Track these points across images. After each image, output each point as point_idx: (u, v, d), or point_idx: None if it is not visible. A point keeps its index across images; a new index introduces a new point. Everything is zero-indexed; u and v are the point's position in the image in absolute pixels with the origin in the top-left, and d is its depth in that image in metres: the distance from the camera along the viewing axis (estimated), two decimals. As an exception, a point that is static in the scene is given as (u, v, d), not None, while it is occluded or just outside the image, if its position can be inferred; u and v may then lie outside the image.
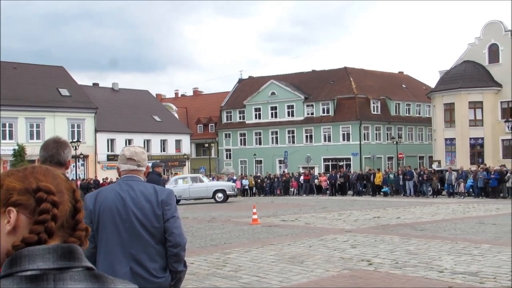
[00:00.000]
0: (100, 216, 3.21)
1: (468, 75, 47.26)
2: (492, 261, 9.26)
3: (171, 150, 59.65)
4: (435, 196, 33.22)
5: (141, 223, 3.19)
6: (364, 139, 56.81)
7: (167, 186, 33.85)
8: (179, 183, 32.77)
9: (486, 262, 9.18)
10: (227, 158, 66.02)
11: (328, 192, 39.21)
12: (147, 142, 56.89)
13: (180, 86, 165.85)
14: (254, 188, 43.50)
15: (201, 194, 32.18)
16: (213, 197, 31.99)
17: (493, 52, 47.70)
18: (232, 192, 33.07)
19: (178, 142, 60.77)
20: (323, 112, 58.80)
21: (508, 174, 30.40)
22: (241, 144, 65.16)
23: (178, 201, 32.36)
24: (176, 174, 51.82)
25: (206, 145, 61.85)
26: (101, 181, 40.48)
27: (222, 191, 32.27)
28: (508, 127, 39.78)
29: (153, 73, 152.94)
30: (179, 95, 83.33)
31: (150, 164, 13.71)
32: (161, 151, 58.43)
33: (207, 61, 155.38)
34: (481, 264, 9.01)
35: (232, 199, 33.61)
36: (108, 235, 3.20)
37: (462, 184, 32.20)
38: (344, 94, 57.93)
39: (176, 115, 68.76)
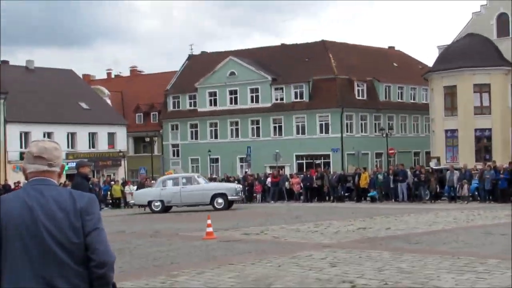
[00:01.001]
0: (3, 232, 3.15)
1: (473, 51, 48.19)
2: (501, 279, 9.48)
3: (102, 146, 59.11)
4: (433, 201, 33.80)
5: (54, 238, 3.15)
6: (347, 131, 57.39)
7: (154, 187, 33.81)
8: (168, 185, 32.64)
9: (493, 280, 9.40)
10: (174, 155, 65.78)
11: (301, 197, 39.46)
12: (72, 136, 56.28)
13: (114, 64, 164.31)
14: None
15: (196, 199, 31.96)
16: (212, 203, 31.75)
17: (503, 23, 48.77)
18: (235, 197, 32.54)
19: (111, 136, 60.31)
20: (296, 97, 59.13)
21: (521, 173, 31.13)
22: (192, 138, 64.99)
23: (169, 207, 32.53)
24: (138, 175, 51.38)
25: (148, 139, 61.40)
26: (12, 186, 39.91)
27: (223, 195, 32.01)
28: (521, 116, 40.78)
29: (78, 47, 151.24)
30: (113, 76, 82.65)
31: (73, 164, 13.56)
32: (89, 147, 57.88)
33: (147, 33, 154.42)
34: (487, 283, 9.22)
35: (238, 206, 33.25)
36: (14, 255, 3.14)
37: (465, 186, 32.84)
38: (322, 74, 58.33)
39: (108, 101, 68.15)
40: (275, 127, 60.33)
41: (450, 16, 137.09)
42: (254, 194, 41.77)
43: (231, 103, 62.56)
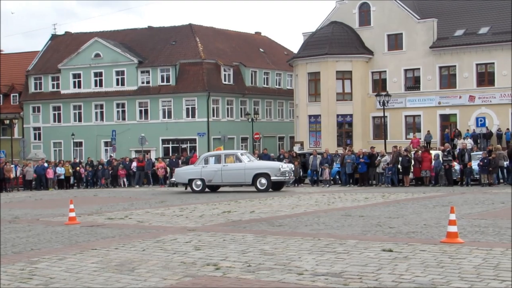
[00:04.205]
0: None
1: (336, 39, 49.88)
2: (358, 259, 9.95)
3: (-43, 128, 56.36)
4: (296, 184, 34.79)
5: None
6: (213, 116, 57.82)
7: (196, 165, 31.20)
8: (210, 163, 30.47)
9: (351, 260, 9.85)
10: (35, 139, 63.77)
11: (167, 182, 39.43)
12: None
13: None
14: (72, 178, 42.56)
15: (237, 178, 29.94)
16: (253, 183, 29.51)
17: (364, 13, 50.83)
18: (279, 178, 29.47)
19: (-33, 118, 57.59)
20: (162, 81, 58.81)
21: (379, 158, 32.70)
22: (54, 121, 63.27)
23: (217, 187, 30.83)
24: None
25: (7, 121, 59.14)
26: None
27: (265, 175, 29.40)
28: (379, 103, 42.81)
29: None
30: (-31, 54, 78.92)
31: None
32: None
33: (7, 10, 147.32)
34: (345, 263, 9.64)
35: (288, 189, 31.29)
36: None
37: (327, 170, 34.07)
38: (189, 58, 58.37)
39: (-36, 81, 64.99)
40: (141, 111, 59.84)
41: (315, 3, 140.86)
42: (119, 179, 41.30)
43: (96, 85, 61.37)
